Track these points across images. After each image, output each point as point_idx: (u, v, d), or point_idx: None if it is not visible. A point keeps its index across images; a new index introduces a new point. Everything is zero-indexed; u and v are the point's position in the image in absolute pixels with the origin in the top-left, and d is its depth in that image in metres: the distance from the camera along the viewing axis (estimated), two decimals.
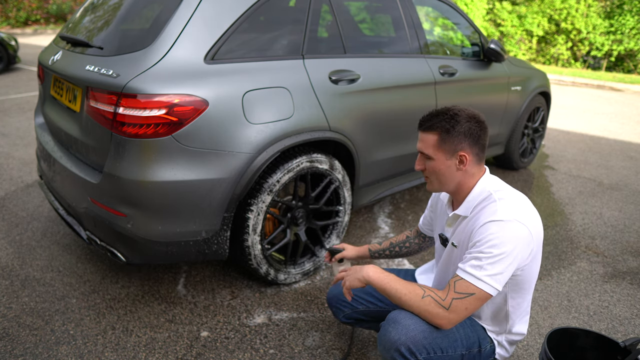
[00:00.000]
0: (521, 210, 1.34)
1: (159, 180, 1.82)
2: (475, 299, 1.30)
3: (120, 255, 1.97)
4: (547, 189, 3.89)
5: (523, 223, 1.31)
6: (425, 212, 1.81)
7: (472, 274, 1.30)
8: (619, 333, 2.10)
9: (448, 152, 1.42)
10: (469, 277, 1.30)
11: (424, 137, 1.44)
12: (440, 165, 1.43)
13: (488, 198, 1.40)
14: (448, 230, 1.54)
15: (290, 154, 2.18)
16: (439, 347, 1.37)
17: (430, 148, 1.43)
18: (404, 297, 1.34)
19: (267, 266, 2.24)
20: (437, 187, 1.49)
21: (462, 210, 1.45)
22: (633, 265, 2.69)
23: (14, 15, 17.06)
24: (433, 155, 1.43)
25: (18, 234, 2.75)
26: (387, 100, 2.56)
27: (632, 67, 12.08)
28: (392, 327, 1.37)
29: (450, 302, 1.30)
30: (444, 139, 1.41)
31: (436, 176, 1.46)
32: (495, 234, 1.30)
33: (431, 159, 1.44)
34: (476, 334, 1.48)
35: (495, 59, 3.37)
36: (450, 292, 1.31)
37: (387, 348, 1.36)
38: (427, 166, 1.47)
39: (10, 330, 1.97)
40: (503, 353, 1.56)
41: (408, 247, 1.86)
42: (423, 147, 1.45)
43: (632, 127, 6.32)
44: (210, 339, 1.97)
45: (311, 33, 2.28)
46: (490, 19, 13.42)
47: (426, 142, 1.44)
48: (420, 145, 1.46)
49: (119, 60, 1.88)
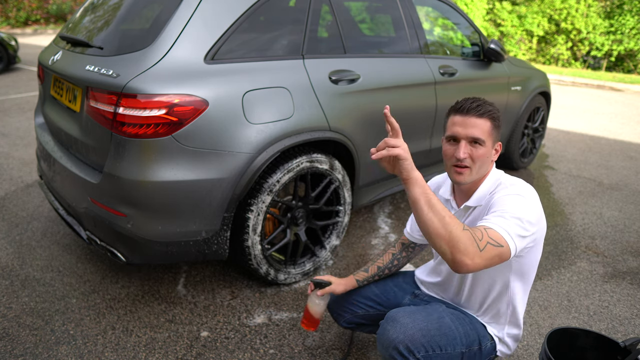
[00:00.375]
0: (528, 189, 1.38)
1: (159, 180, 1.82)
2: (500, 253, 1.21)
3: (120, 255, 1.97)
4: (547, 189, 3.89)
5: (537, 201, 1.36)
6: (412, 219, 1.75)
7: (502, 227, 1.24)
8: (619, 333, 2.10)
9: (495, 139, 1.44)
10: (500, 230, 1.23)
11: (478, 122, 1.39)
12: (487, 152, 1.42)
13: (499, 185, 1.43)
14: None
15: (290, 154, 2.18)
16: (438, 345, 1.37)
17: (486, 133, 1.39)
18: (446, 219, 1.17)
19: (267, 266, 2.24)
20: (476, 176, 1.43)
21: (475, 201, 1.44)
22: (633, 265, 2.69)
23: (14, 15, 17.07)
24: (486, 140, 1.40)
25: (18, 234, 2.75)
26: (387, 100, 2.56)
27: (632, 67, 12.09)
28: (391, 326, 1.37)
29: (485, 246, 1.19)
30: (496, 126, 1.42)
31: (480, 164, 1.41)
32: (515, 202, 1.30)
33: (482, 146, 1.40)
34: (476, 332, 1.48)
35: (495, 59, 3.37)
36: (485, 236, 1.21)
37: (385, 347, 1.36)
38: (474, 154, 1.40)
39: (10, 330, 1.97)
40: (505, 350, 1.55)
41: (397, 265, 1.78)
42: (477, 132, 1.38)
43: (632, 127, 6.32)
44: (210, 339, 1.97)
45: (311, 33, 2.28)
46: (490, 19, 13.42)
47: (481, 127, 1.39)
48: (472, 131, 1.39)
49: (119, 60, 1.88)
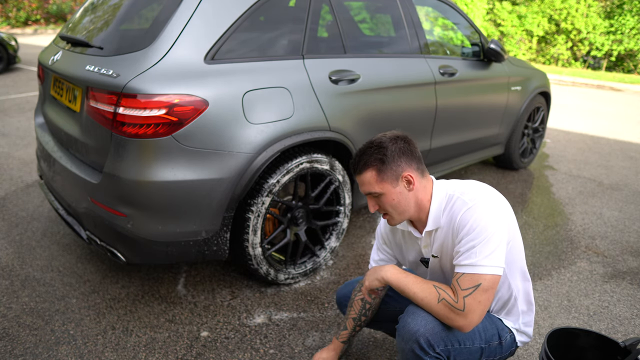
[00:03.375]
0: (481, 192, 1.40)
1: (159, 180, 1.82)
2: (484, 289, 1.27)
3: (120, 255, 1.97)
4: (547, 189, 3.89)
5: (487, 200, 1.37)
6: (377, 253, 1.73)
7: (469, 265, 1.29)
8: (619, 333, 2.10)
9: (392, 179, 1.41)
10: (468, 269, 1.29)
11: (363, 178, 1.43)
12: (392, 196, 1.42)
13: (450, 199, 1.42)
14: (427, 251, 1.52)
15: (290, 154, 2.18)
16: (457, 339, 1.38)
17: (375, 185, 1.41)
18: (421, 302, 1.35)
19: (267, 266, 2.24)
20: (400, 218, 1.47)
21: (432, 224, 1.45)
22: (633, 265, 2.69)
23: (14, 15, 17.06)
24: (380, 190, 1.42)
25: (18, 234, 2.75)
26: (387, 100, 2.56)
27: (632, 67, 12.09)
28: (411, 319, 1.36)
29: (464, 302, 1.28)
30: (382, 170, 1.40)
31: (394, 208, 1.44)
32: (470, 221, 1.33)
33: (381, 195, 1.43)
34: (494, 326, 1.49)
35: (495, 59, 3.37)
36: (458, 291, 1.29)
37: (405, 339, 1.36)
38: (380, 204, 1.45)
39: (10, 330, 1.97)
40: (524, 339, 1.57)
41: (369, 308, 1.71)
42: (368, 188, 1.43)
43: (632, 127, 6.32)
44: (210, 339, 1.97)
45: (311, 33, 2.28)
46: (490, 19, 13.42)
47: (367, 182, 1.42)
48: (364, 188, 1.44)
49: (119, 60, 1.88)
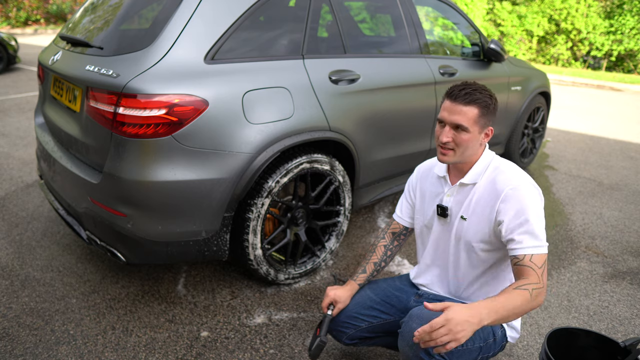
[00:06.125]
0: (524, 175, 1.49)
1: (159, 180, 1.82)
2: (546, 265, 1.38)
3: (120, 255, 1.97)
4: (547, 189, 3.89)
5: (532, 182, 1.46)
6: (403, 202, 1.81)
7: (536, 246, 1.37)
8: (619, 333, 2.10)
9: (483, 126, 1.47)
10: (537, 250, 1.37)
11: (464, 109, 1.43)
12: (473, 138, 1.46)
13: (496, 170, 1.50)
14: (448, 200, 1.57)
15: (290, 154, 2.18)
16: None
17: (470, 121, 1.44)
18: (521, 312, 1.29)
19: (267, 266, 2.24)
20: (459, 159, 1.50)
21: (470, 178, 1.52)
22: (633, 265, 2.69)
23: (14, 15, 17.07)
24: (470, 127, 1.44)
25: (18, 234, 2.75)
26: (387, 100, 2.56)
27: (632, 67, 12.09)
28: (416, 323, 1.35)
29: (543, 279, 1.35)
30: (484, 114, 1.45)
31: (464, 148, 1.47)
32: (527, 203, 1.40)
33: (466, 132, 1.45)
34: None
35: (495, 59, 3.37)
36: (537, 270, 1.34)
37: (410, 344, 1.35)
38: (457, 139, 1.46)
39: (10, 330, 1.97)
40: (514, 334, 1.60)
41: (390, 255, 1.82)
42: (461, 119, 1.43)
43: (632, 127, 6.32)
44: (210, 339, 1.97)
45: (311, 33, 2.28)
46: (490, 19, 13.43)
47: (466, 114, 1.43)
48: (457, 118, 1.44)
49: (119, 60, 1.88)
